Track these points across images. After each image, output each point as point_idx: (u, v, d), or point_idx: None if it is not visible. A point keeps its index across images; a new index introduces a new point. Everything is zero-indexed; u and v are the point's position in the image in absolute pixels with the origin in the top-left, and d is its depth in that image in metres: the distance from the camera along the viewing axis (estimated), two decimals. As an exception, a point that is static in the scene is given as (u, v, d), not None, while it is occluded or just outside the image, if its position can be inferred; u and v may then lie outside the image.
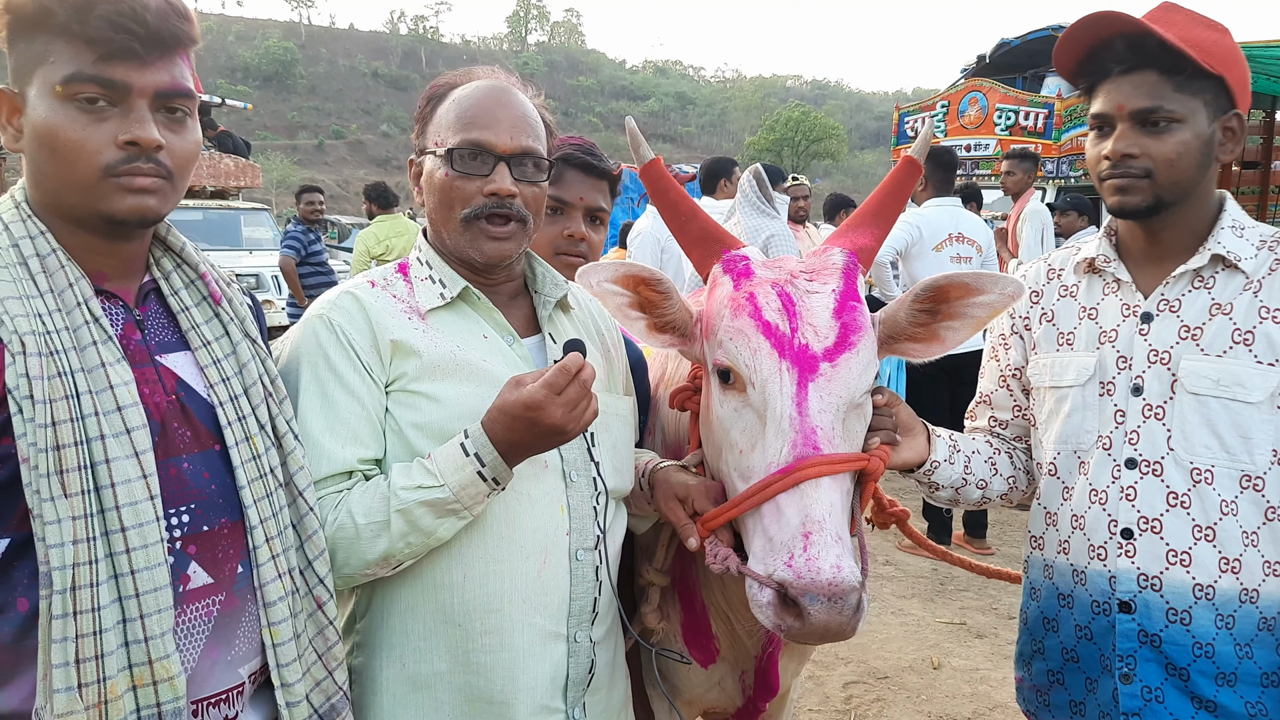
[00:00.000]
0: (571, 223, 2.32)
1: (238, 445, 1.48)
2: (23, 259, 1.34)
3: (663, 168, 1.95)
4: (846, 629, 1.52)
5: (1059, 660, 2.01)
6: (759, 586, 1.59)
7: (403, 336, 1.71)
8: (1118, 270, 1.94)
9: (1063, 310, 2.03)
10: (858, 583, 1.52)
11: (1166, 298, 1.87)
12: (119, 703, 1.28)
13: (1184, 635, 1.80)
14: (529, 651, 1.70)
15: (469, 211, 1.74)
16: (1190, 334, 1.83)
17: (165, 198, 1.40)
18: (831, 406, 1.67)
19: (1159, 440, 1.83)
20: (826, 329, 1.72)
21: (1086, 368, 1.93)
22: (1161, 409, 1.83)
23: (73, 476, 1.27)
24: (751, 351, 1.72)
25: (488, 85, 1.81)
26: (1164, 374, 1.83)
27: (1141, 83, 1.78)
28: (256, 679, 1.50)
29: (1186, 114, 1.78)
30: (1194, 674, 1.80)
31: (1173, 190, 1.81)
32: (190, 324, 1.51)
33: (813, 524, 1.56)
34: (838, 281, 1.78)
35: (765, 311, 1.73)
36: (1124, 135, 1.81)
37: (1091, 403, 1.92)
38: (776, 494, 1.60)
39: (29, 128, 1.36)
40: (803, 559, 1.53)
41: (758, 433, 1.70)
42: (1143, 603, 1.83)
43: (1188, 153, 1.79)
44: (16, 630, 1.28)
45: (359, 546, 1.59)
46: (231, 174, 14.92)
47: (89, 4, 1.31)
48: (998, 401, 2.20)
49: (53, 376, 1.28)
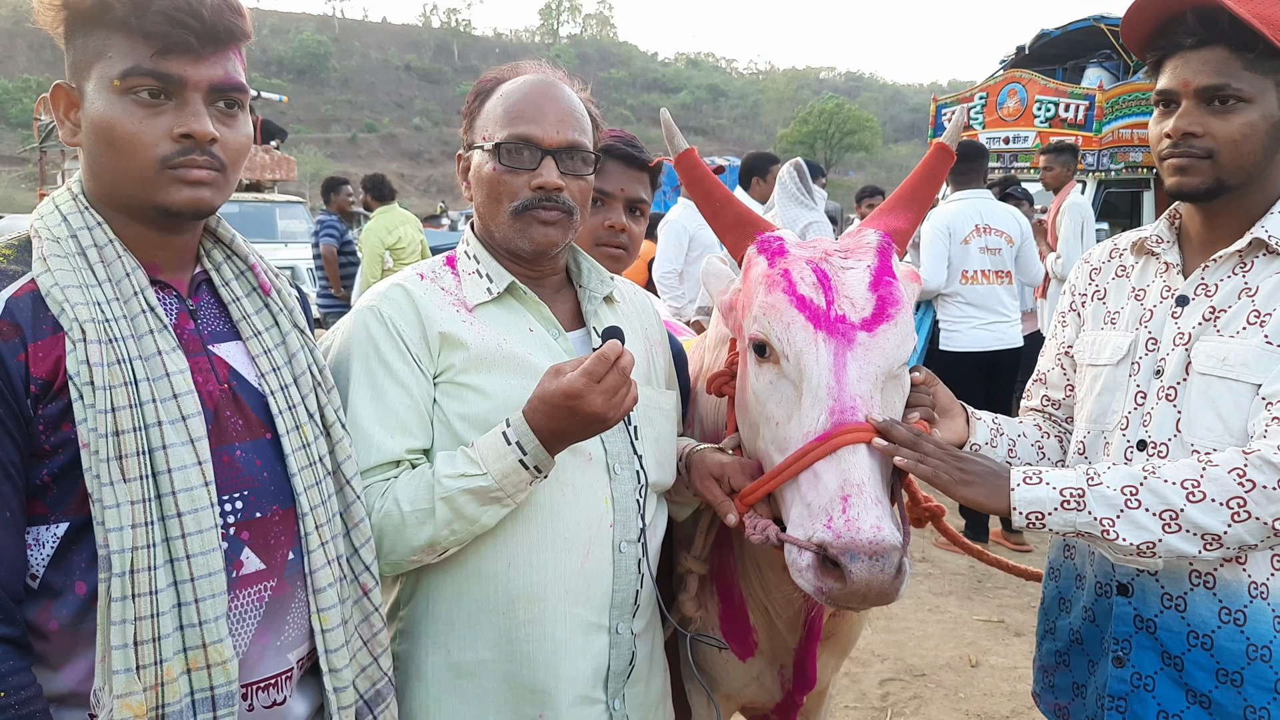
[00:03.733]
0: (612, 214, 2.33)
1: (288, 434, 1.50)
2: (81, 249, 1.36)
3: (697, 157, 1.96)
4: (889, 590, 1.51)
5: (1066, 641, 2.00)
6: (798, 551, 1.59)
7: (451, 329, 1.73)
8: (1167, 253, 1.90)
9: (1115, 289, 2.00)
10: (898, 543, 1.51)
11: (1205, 282, 1.82)
12: (174, 685, 1.30)
13: (1179, 622, 1.76)
14: (571, 642, 1.71)
15: (517, 204, 1.76)
16: (1214, 316, 1.77)
17: (219, 189, 1.42)
18: (870, 376, 1.68)
19: (1168, 422, 1.78)
20: (863, 301, 1.73)
21: (1121, 347, 1.91)
22: (1174, 390, 1.79)
23: (131, 462, 1.29)
24: (785, 324, 1.72)
25: (534, 80, 1.82)
26: (1182, 356, 1.79)
27: (1210, 59, 1.71)
28: (304, 664, 1.52)
29: (1256, 94, 1.70)
30: (1189, 665, 1.75)
31: (1235, 174, 1.74)
32: (241, 314, 1.53)
33: (851, 487, 1.56)
34: (873, 258, 1.79)
35: (800, 286, 1.74)
36: (1188, 113, 1.75)
37: (1121, 383, 1.89)
38: (814, 461, 1.61)
39: (86, 121, 1.38)
40: (842, 520, 1.53)
41: (794, 404, 1.70)
42: (1139, 586, 1.81)
43: (1254, 134, 1.71)
44: (74, 613, 1.31)
45: (405, 533, 1.61)
46: (267, 167, 15.09)
47: (148, 0, 1.32)
48: (1052, 380, 2.16)
49: (112, 363, 1.30)
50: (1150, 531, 1.60)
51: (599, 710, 1.75)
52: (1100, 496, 1.63)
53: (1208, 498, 1.57)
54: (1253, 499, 1.55)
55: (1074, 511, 1.64)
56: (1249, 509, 1.56)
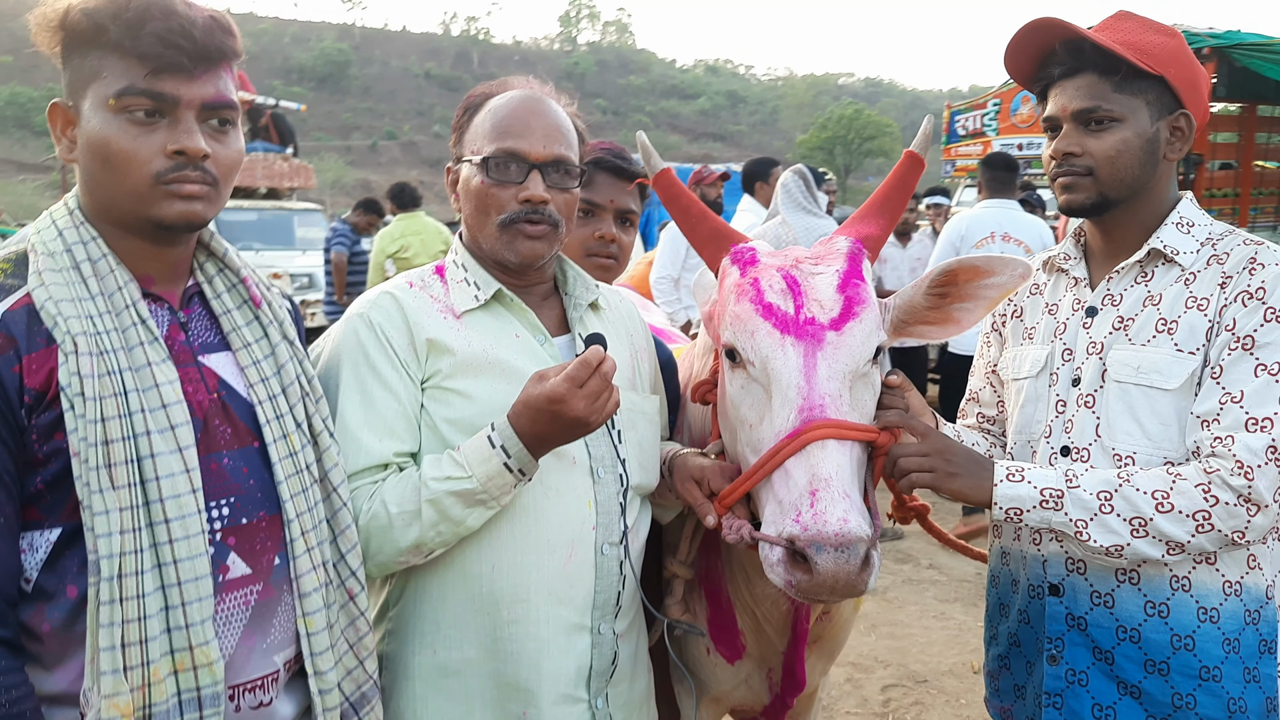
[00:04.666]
0: (602, 224, 2.38)
1: (275, 442, 1.55)
2: (75, 263, 1.42)
3: (673, 176, 2.02)
4: (856, 581, 1.55)
5: (1006, 645, 2.09)
6: (769, 547, 1.64)
7: (438, 335, 1.78)
8: (1075, 268, 2.02)
9: (1030, 307, 2.12)
10: (865, 535, 1.56)
11: (1110, 292, 1.94)
12: (161, 685, 1.35)
13: (1108, 618, 1.86)
14: (554, 641, 1.76)
15: (504, 217, 1.81)
16: (1123, 325, 1.89)
17: (211, 203, 1.47)
18: (839, 374, 1.73)
19: (1088, 428, 1.89)
20: (831, 303, 1.78)
21: (1039, 360, 2.02)
22: (1092, 398, 1.90)
23: (120, 470, 1.34)
24: (750, 332, 1.78)
25: (522, 95, 1.87)
26: (1097, 364, 1.89)
27: (1082, 84, 1.85)
28: (291, 667, 1.57)
29: (1126, 113, 1.84)
30: (1119, 658, 1.85)
31: (1116, 187, 1.87)
32: (232, 326, 1.59)
33: (819, 481, 1.61)
34: (842, 263, 1.85)
35: (768, 294, 1.80)
36: (1067, 135, 1.88)
37: (1042, 394, 2.00)
38: (785, 459, 1.66)
39: (83, 139, 1.43)
40: (809, 514, 1.58)
41: (765, 406, 1.75)
42: (1070, 586, 1.91)
43: (1128, 150, 1.84)
44: (66, 616, 1.36)
45: (392, 535, 1.66)
46: (285, 175, 15.22)
47: (140, 21, 1.38)
48: (984, 399, 2.28)
49: (102, 375, 1.36)
50: (1120, 536, 1.71)
51: (582, 709, 1.80)
52: (1077, 499, 1.73)
53: (1176, 509, 1.69)
54: (1216, 513, 1.68)
55: (1051, 511, 1.75)
56: (1213, 522, 1.69)
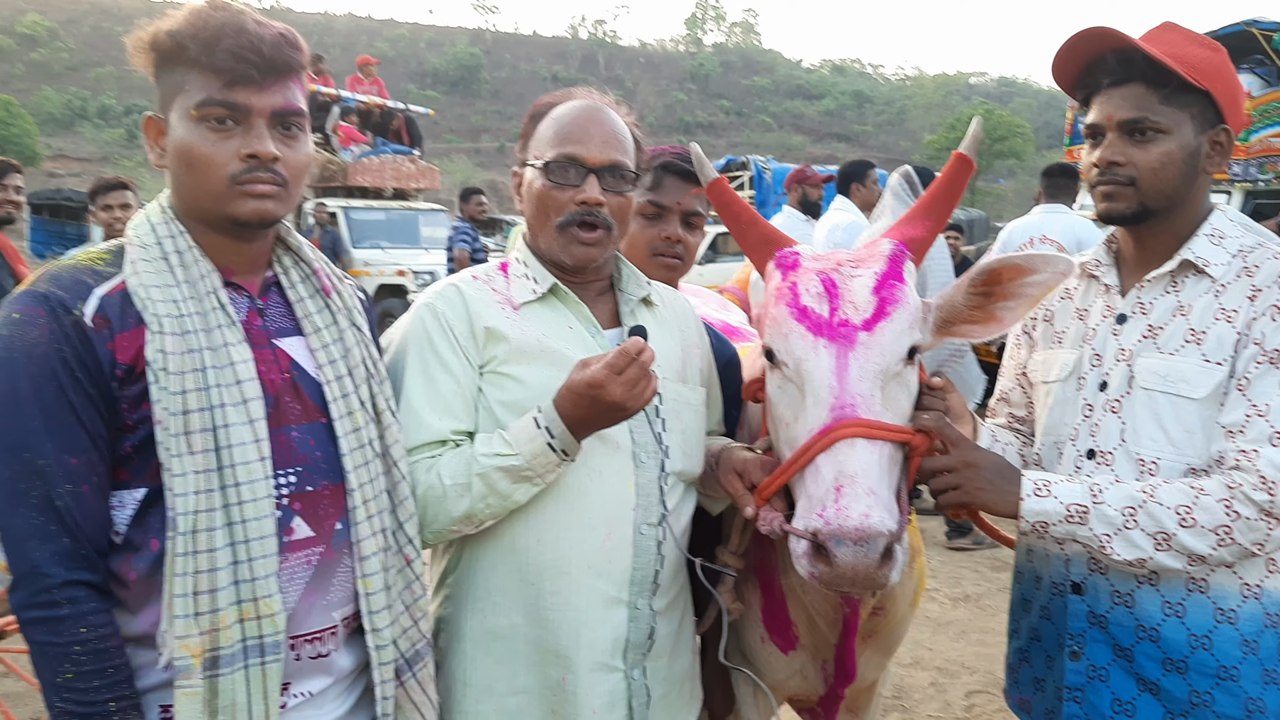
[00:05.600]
0: (668, 226, 2.46)
1: (341, 418, 1.70)
2: (165, 254, 1.60)
3: (725, 185, 2.11)
4: (875, 575, 1.61)
5: (1027, 639, 2.12)
6: (796, 539, 1.71)
7: (495, 324, 1.91)
8: (1106, 275, 2.03)
9: (1060, 310, 2.13)
10: (887, 530, 1.60)
11: (1141, 300, 1.94)
12: (228, 631, 1.50)
13: (1128, 617, 1.90)
14: (591, 612, 1.87)
15: (562, 219, 1.93)
16: (1152, 333, 1.89)
17: (281, 202, 1.63)
18: (870, 374, 1.77)
19: (1113, 433, 1.90)
20: (865, 304, 1.83)
21: (1068, 364, 2.03)
22: (1118, 403, 1.91)
23: (196, 438, 1.51)
24: (784, 335, 1.85)
25: (583, 105, 2.00)
26: (1125, 371, 1.90)
27: (1129, 95, 1.88)
28: (349, 624, 1.71)
29: (1172, 125, 1.86)
30: (1138, 655, 1.89)
31: (1157, 198, 1.88)
32: (305, 312, 1.74)
33: (845, 478, 1.66)
34: (881, 265, 1.89)
35: (804, 297, 1.86)
36: (1111, 144, 1.91)
37: (1069, 397, 2.01)
38: (815, 455, 1.72)
39: (170, 146, 1.61)
40: (833, 509, 1.64)
41: (799, 405, 1.82)
42: (1092, 585, 1.93)
43: (1171, 162, 1.87)
44: (149, 566, 1.53)
45: (445, 505, 1.80)
46: (412, 176, 15.79)
47: (215, 40, 1.54)
48: (1014, 399, 2.29)
49: (184, 353, 1.53)
50: (1143, 550, 1.74)
51: (618, 678, 1.90)
52: (1102, 515, 1.76)
53: (1199, 524, 1.71)
54: (1237, 528, 1.71)
55: (1076, 525, 1.78)
56: (1234, 536, 1.72)
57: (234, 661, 1.51)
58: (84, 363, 1.49)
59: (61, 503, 1.46)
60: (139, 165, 46.68)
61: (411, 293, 12.97)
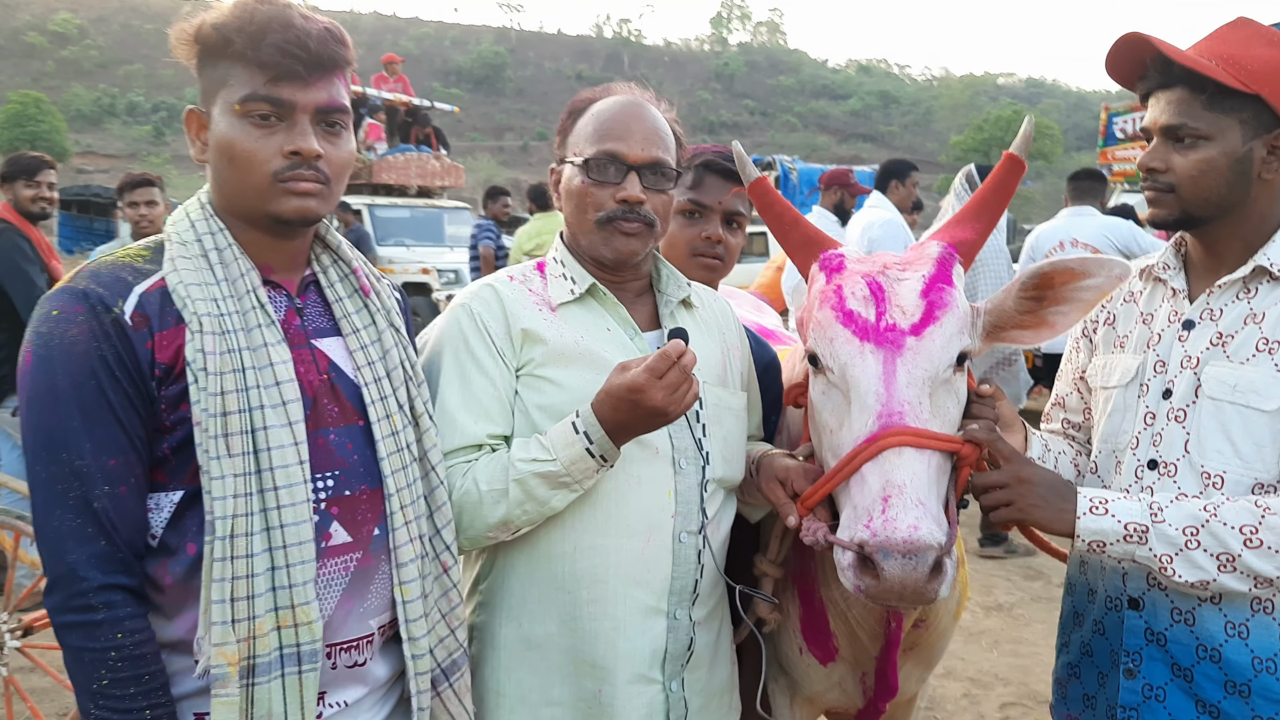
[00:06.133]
0: (710, 225, 2.41)
1: (379, 422, 1.66)
2: (204, 251, 1.56)
3: (767, 184, 2.06)
4: (924, 589, 1.55)
5: (1078, 654, 2.05)
6: (842, 551, 1.66)
7: (532, 326, 1.86)
8: (1173, 279, 1.96)
9: (1124, 314, 2.05)
10: (936, 543, 1.55)
11: (1210, 307, 1.87)
12: (265, 639, 1.47)
13: (1188, 636, 1.83)
14: (629, 622, 1.82)
15: (602, 215, 1.88)
16: (1221, 341, 1.83)
17: (324, 200, 1.59)
18: (918, 380, 1.72)
19: (1177, 443, 1.84)
20: (913, 308, 1.78)
21: (1130, 370, 1.96)
22: (1183, 412, 1.84)
23: (235, 439, 1.47)
24: (829, 339, 1.80)
25: (623, 100, 1.95)
26: (1191, 379, 1.83)
27: (1173, 99, 1.82)
28: (386, 632, 1.67)
29: (1215, 132, 1.79)
30: (1198, 676, 1.81)
31: (1199, 206, 1.83)
32: (343, 313, 1.71)
33: (892, 488, 1.61)
34: (929, 268, 1.84)
35: (849, 300, 1.81)
36: (1155, 149, 1.86)
37: (1131, 404, 1.94)
38: (861, 464, 1.67)
39: (212, 141, 1.57)
40: (880, 520, 1.58)
41: (844, 412, 1.77)
42: (1150, 600, 1.86)
43: (1212, 170, 1.80)
44: (185, 570, 1.50)
45: (481, 511, 1.76)
46: (437, 174, 15.80)
47: (262, 34, 1.51)
48: (1070, 404, 2.22)
49: (223, 353, 1.49)
50: (1206, 571, 1.68)
51: (656, 690, 1.85)
52: (1162, 535, 1.70)
53: (1265, 545, 1.65)
54: None
55: (1135, 545, 1.72)
56: None
57: (271, 670, 1.48)
58: (123, 361, 1.46)
59: (99, 504, 1.43)
60: (166, 162, 47.16)
61: (435, 291, 12.96)
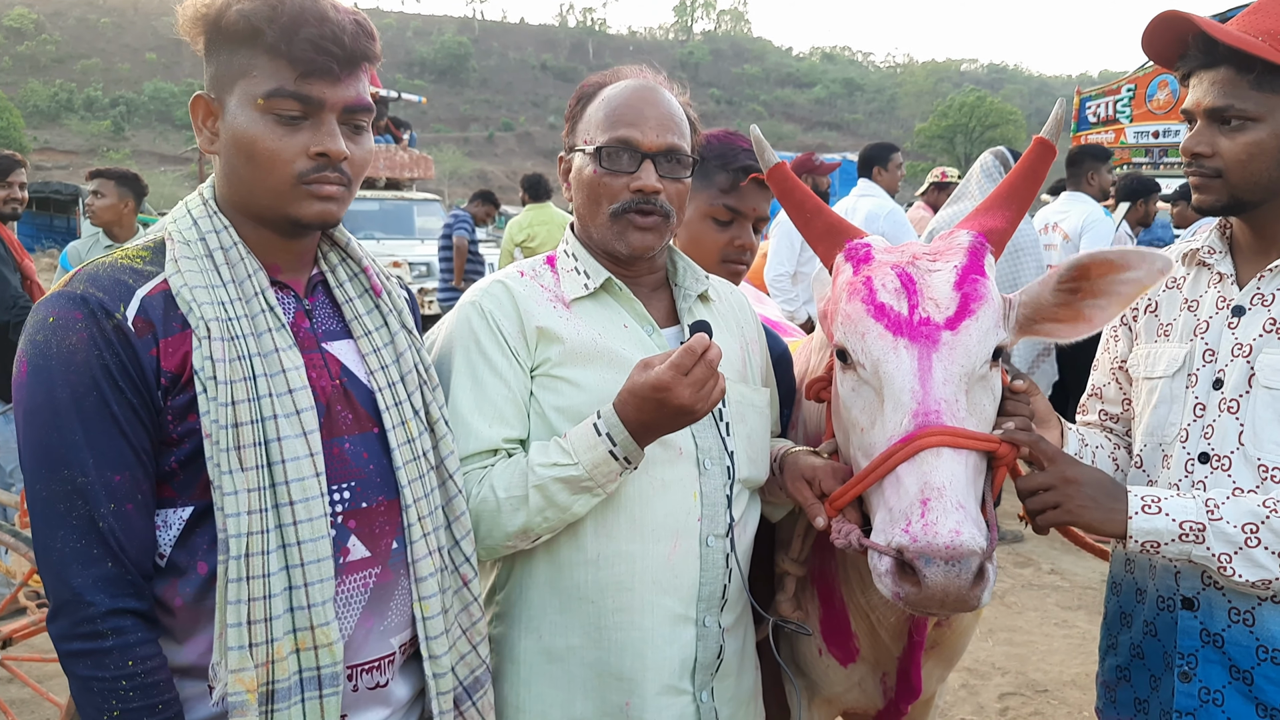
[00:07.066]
0: (743, 233, 2.33)
1: (395, 429, 1.58)
2: (209, 251, 1.46)
3: (788, 170, 1.96)
4: (968, 596, 1.48)
5: (1127, 656, 1.99)
6: (878, 556, 1.58)
7: (548, 323, 1.78)
8: (1220, 263, 1.89)
9: (1166, 301, 1.98)
10: (979, 548, 1.48)
11: (1261, 292, 1.80)
12: (284, 663, 1.38)
13: (1247, 636, 1.75)
14: (658, 632, 1.75)
15: (616, 207, 1.80)
16: (1276, 328, 1.75)
17: (343, 203, 1.50)
18: (955, 377, 1.65)
19: (1231, 435, 1.77)
20: (947, 301, 1.70)
21: (1176, 359, 1.89)
22: (1236, 403, 1.77)
23: (249, 452, 1.38)
24: (860, 334, 1.72)
25: (635, 84, 1.86)
26: (1244, 367, 1.76)
27: (1218, 79, 1.74)
28: (406, 650, 1.59)
29: (1264, 113, 1.71)
30: (1259, 679, 1.74)
31: (1250, 190, 1.76)
32: (354, 314, 1.62)
33: (931, 490, 1.53)
34: (961, 258, 1.76)
35: (880, 293, 1.73)
36: (1200, 133, 1.78)
37: (1178, 395, 1.87)
38: (896, 465, 1.59)
39: (227, 133, 1.46)
40: (919, 524, 1.51)
41: (877, 409, 1.69)
42: (1205, 600, 1.79)
43: (1262, 153, 1.72)
44: (196, 591, 1.41)
45: (500, 519, 1.68)
46: (405, 165, 15.60)
47: (295, 27, 1.40)
48: (1108, 395, 2.14)
49: (233, 359, 1.40)
50: (1268, 570, 1.62)
51: (685, 701, 1.78)
52: (1220, 533, 1.64)
53: None
54: None
55: (1192, 544, 1.66)
56: None
57: (290, 695, 1.39)
58: (126, 370, 1.36)
59: (105, 524, 1.34)
60: (126, 157, 46.40)
61: (408, 283, 12.82)
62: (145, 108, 63.92)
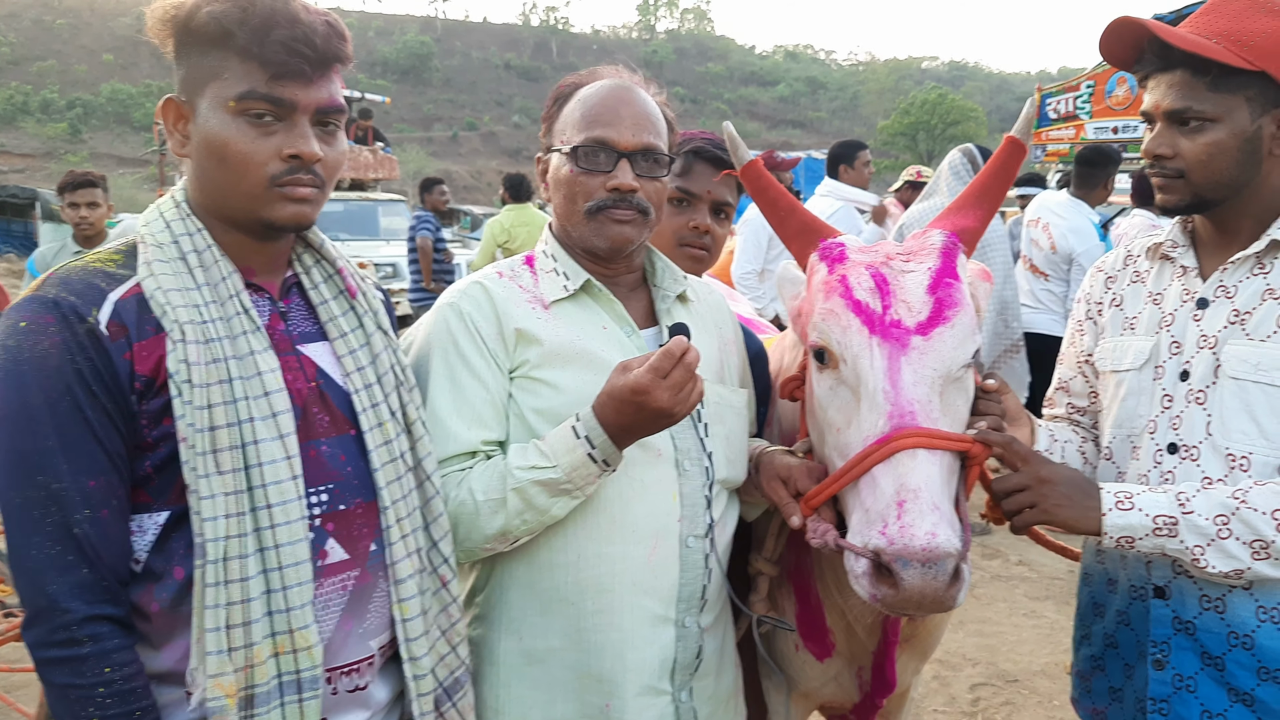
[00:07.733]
0: (697, 214, 2.35)
1: (372, 430, 1.57)
2: (182, 254, 1.45)
3: (762, 168, 1.98)
4: (944, 597, 1.50)
5: (1101, 646, 2.02)
6: (854, 557, 1.60)
7: (526, 325, 1.78)
8: (1183, 257, 1.92)
9: (1131, 295, 2.01)
10: (955, 550, 1.50)
11: (1224, 284, 1.83)
12: (263, 667, 1.37)
13: (1218, 623, 1.78)
14: (637, 633, 1.75)
15: (592, 205, 1.80)
16: (1240, 319, 1.79)
17: (316, 205, 1.50)
18: (926, 380, 1.67)
19: (1199, 425, 1.80)
20: (920, 304, 1.72)
21: (1143, 352, 1.92)
22: (1203, 394, 1.80)
23: (225, 455, 1.37)
24: (842, 329, 1.73)
25: (612, 84, 1.86)
26: (1210, 359, 1.80)
27: (1175, 82, 1.77)
28: (385, 652, 1.59)
29: (1221, 113, 1.74)
30: (1230, 664, 1.77)
31: (1212, 189, 1.79)
32: (329, 316, 1.61)
33: (907, 492, 1.55)
34: (934, 260, 1.78)
35: (856, 291, 1.74)
36: (1160, 135, 1.81)
37: (1145, 387, 1.90)
38: (872, 466, 1.61)
39: (198, 136, 1.45)
40: (896, 526, 1.52)
41: (853, 410, 1.71)
42: (1177, 588, 1.82)
43: (1222, 153, 1.75)
44: (173, 596, 1.39)
45: (478, 522, 1.67)
46: (370, 166, 15.52)
47: (267, 29, 1.39)
48: (1075, 389, 2.17)
49: (208, 362, 1.39)
50: (1239, 560, 1.65)
51: (665, 701, 1.78)
52: (1192, 525, 1.67)
53: None
54: None
55: (1165, 538, 1.69)
56: None
57: (270, 699, 1.39)
58: (100, 375, 1.35)
59: (80, 530, 1.32)
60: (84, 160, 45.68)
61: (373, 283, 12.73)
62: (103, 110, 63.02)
